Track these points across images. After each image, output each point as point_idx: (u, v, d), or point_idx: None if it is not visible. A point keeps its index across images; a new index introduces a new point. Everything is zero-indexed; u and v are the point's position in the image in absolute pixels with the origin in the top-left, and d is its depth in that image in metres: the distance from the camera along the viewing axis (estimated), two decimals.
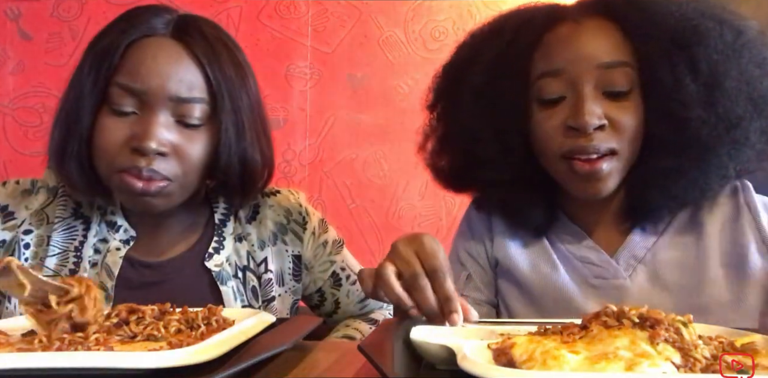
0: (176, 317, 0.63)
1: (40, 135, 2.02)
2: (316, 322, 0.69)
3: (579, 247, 0.88)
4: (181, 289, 0.91)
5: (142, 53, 0.84)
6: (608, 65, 0.79)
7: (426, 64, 2.00)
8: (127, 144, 0.82)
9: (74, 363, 0.46)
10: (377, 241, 2.00)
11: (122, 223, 0.92)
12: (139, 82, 0.82)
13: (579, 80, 0.79)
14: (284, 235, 0.99)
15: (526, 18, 0.87)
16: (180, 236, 0.95)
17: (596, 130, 0.78)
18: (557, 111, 0.81)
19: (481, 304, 0.92)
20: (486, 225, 0.96)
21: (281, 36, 2.03)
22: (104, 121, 0.83)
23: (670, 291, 0.81)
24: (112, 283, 0.87)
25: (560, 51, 0.82)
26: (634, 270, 0.84)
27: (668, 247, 0.84)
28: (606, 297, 0.82)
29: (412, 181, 2.00)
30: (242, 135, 0.89)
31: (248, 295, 0.93)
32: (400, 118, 2.01)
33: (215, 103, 0.86)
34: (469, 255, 0.95)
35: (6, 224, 0.90)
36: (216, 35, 0.90)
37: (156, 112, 0.82)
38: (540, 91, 0.82)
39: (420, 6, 2.02)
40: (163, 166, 0.82)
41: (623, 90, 0.79)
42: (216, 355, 0.49)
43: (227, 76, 0.87)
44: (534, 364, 0.45)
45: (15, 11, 2.04)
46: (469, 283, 0.94)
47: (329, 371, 0.58)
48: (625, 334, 0.47)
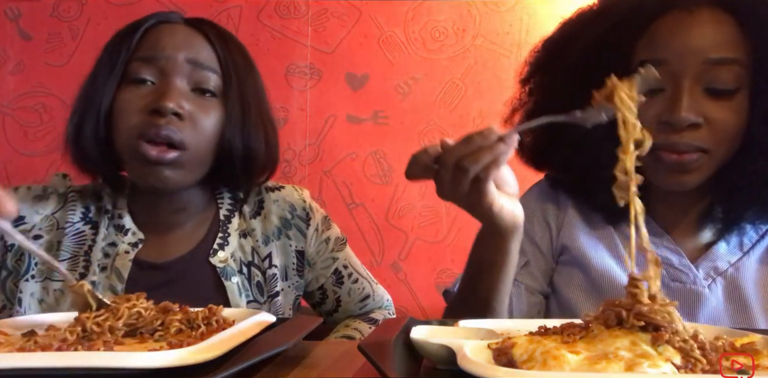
0: (177, 317, 0.63)
1: (40, 135, 2.02)
2: (316, 322, 0.69)
3: (659, 246, 0.85)
4: (189, 287, 0.91)
5: (159, 32, 0.90)
6: (716, 61, 0.74)
7: (426, 64, 2.01)
8: (146, 108, 0.85)
9: (74, 363, 0.46)
10: (377, 241, 2.00)
11: (130, 225, 0.93)
12: (158, 50, 0.87)
13: (681, 74, 0.75)
14: (288, 230, 0.99)
15: (637, 2, 0.81)
16: (186, 235, 0.95)
17: (689, 127, 0.75)
18: (653, 103, 0.77)
19: (534, 293, 0.90)
20: (554, 210, 0.92)
21: (281, 36, 2.03)
22: (124, 93, 0.87)
23: (748, 309, 0.79)
24: (122, 287, 0.88)
25: (666, 41, 0.77)
26: (714, 281, 0.82)
27: (754, 267, 0.82)
28: (680, 301, 0.79)
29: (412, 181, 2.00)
30: (247, 119, 0.92)
31: (253, 290, 0.94)
32: (400, 118, 2.01)
33: (225, 80, 0.91)
34: (530, 240, 0.91)
35: (17, 229, 0.90)
36: (225, 33, 0.95)
37: (173, 77, 0.87)
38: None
39: (420, 6, 2.02)
40: (179, 126, 0.85)
41: (728, 88, 0.75)
42: (216, 355, 0.49)
43: (236, 61, 0.93)
44: (534, 364, 0.44)
45: (15, 11, 2.04)
46: (525, 270, 0.91)
47: (329, 371, 0.58)
48: (625, 334, 0.47)
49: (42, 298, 0.88)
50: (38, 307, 0.88)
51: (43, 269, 0.89)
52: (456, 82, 2.00)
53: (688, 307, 0.82)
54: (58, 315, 0.70)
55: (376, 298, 1.07)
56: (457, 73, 2.01)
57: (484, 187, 0.65)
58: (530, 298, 0.90)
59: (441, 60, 2.01)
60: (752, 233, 0.84)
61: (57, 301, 0.87)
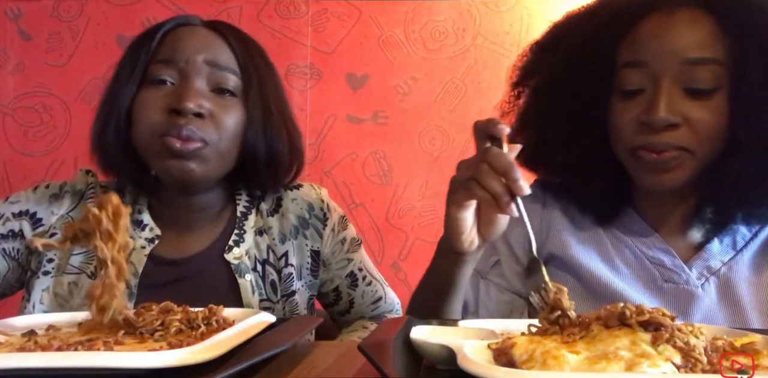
0: (177, 317, 0.63)
1: (40, 135, 2.02)
2: (316, 322, 0.69)
3: (650, 247, 0.85)
4: (202, 284, 0.92)
5: (179, 35, 0.91)
6: (694, 61, 0.75)
7: (426, 64, 2.01)
8: (166, 108, 0.86)
9: (74, 363, 0.46)
10: (377, 241, 2.00)
11: (148, 221, 0.94)
12: (177, 52, 0.88)
13: (660, 74, 0.76)
14: (305, 229, 0.99)
15: (622, 4, 0.83)
16: (204, 232, 0.96)
17: (668, 127, 0.75)
18: (634, 104, 0.78)
19: (503, 291, 0.90)
20: (539, 212, 0.92)
21: (281, 36, 2.02)
22: (144, 94, 0.88)
23: (742, 309, 0.79)
24: (135, 281, 0.88)
25: (646, 42, 0.78)
26: (707, 281, 0.82)
27: (747, 265, 0.82)
28: (673, 302, 0.81)
29: (412, 181, 2.00)
30: (269, 119, 0.93)
31: (267, 289, 0.94)
32: (400, 118, 2.01)
33: (245, 81, 0.91)
34: (504, 240, 0.91)
35: (36, 231, 0.91)
36: (244, 35, 0.96)
37: (193, 78, 0.87)
38: (621, 81, 0.80)
39: (420, 6, 2.02)
40: (200, 125, 0.86)
41: (707, 88, 0.75)
42: (216, 355, 0.49)
43: (256, 63, 0.93)
44: (534, 364, 0.44)
45: (15, 11, 2.04)
46: (495, 269, 0.91)
47: (329, 371, 0.58)
48: (625, 334, 0.47)
49: (56, 291, 0.88)
50: (53, 300, 0.88)
51: (61, 263, 0.90)
52: (456, 82, 2.00)
53: (682, 308, 0.81)
54: (59, 315, 0.70)
55: (388, 300, 1.07)
56: (457, 73, 2.01)
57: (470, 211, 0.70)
58: (500, 296, 0.90)
59: (441, 60, 2.01)
60: (745, 231, 0.84)
61: (71, 293, 0.88)
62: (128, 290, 0.87)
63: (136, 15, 2.00)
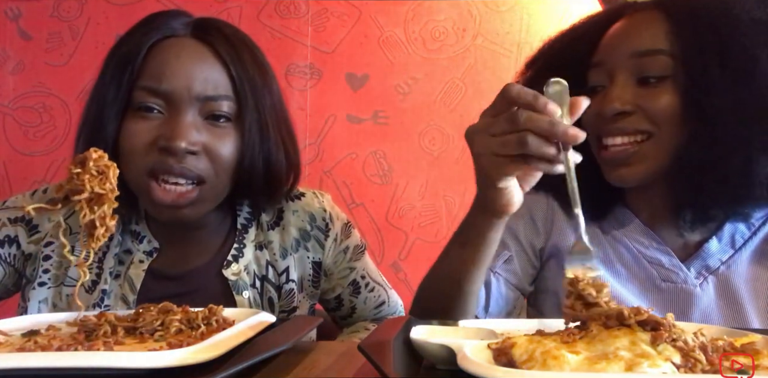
0: (177, 317, 0.63)
1: (40, 135, 2.02)
2: (316, 322, 0.69)
3: (648, 247, 0.86)
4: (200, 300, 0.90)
5: (165, 54, 0.83)
6: (642, 53, 0.79)
7: (426, 64, 2.01)
8: (155, 144, 0.81)
9: (74, 363, 0.46)
10: (377, 241, 2.00)
11: (145, 233, 0.91)
12: (164, 83, 0.81)
13: (614, 70, 0.81)
14: (307, 241, 0.96)
15: (596, 17, 0.90)
16: (203, 246, 0.93)
17: (622, 115, 0.79)
18: (596, 100, 0.81)
19: (511, 288, 0.91)
20: (543, 211, 0.93)
21: (281, 36, 2.03)
22: (130, 124, 0.82)
23: (741, 307, 0.80)
24: (134, 297, 0.87)
25: (605, 44, 0.84)
26: (705, 280, 0.83)
27: (745, 264, 0.83)
28: (672, 301, 0.82)
29: (412, 181, 2.00)
30: (266, 134, 0.88)
31: (264, 306, 0.92)
32: (400, 118, 2.01)
33: (240, 102, 0.85)
34: (513, 236, 0.93)
35: (31, 238, 0.90)
36: (236, 36, 0.89)
37: (183, 112, 0.81)
38: (587, 81, 0.84)
39: (420, 6, 2.02)
40: (194, 163, 0.81)
41: (656, 75, 0.79)
42: (216, 355, 0.49)
43: (250, 76, 0.87)
44: (534, 364, 0.44)
45: (15, 11, 2.04)
46: (507, 264, 0.92)
47: (329, 371, 0.58)
48: (625, 334, 0.47)
49: (55, 302, 0.87)
50: (51, 311, 0.86)
51: (58, 274, 0.88)
52: (456, 82, 2.00)
53: (680, 307, 0.82)
54: (59, 315, 0.70)
55: (391, 304, 1.06)
56: (457, 73, 2.01)
57: (521, 165, 0.65)
58: (508, 292, 0.91)
59: (441, 60, 2.01)
60: (744, 230, 0.84)
61: (69, 306, 0.86)
62: (126, 306, 0.86)
63: (136, 15, 1.98)
